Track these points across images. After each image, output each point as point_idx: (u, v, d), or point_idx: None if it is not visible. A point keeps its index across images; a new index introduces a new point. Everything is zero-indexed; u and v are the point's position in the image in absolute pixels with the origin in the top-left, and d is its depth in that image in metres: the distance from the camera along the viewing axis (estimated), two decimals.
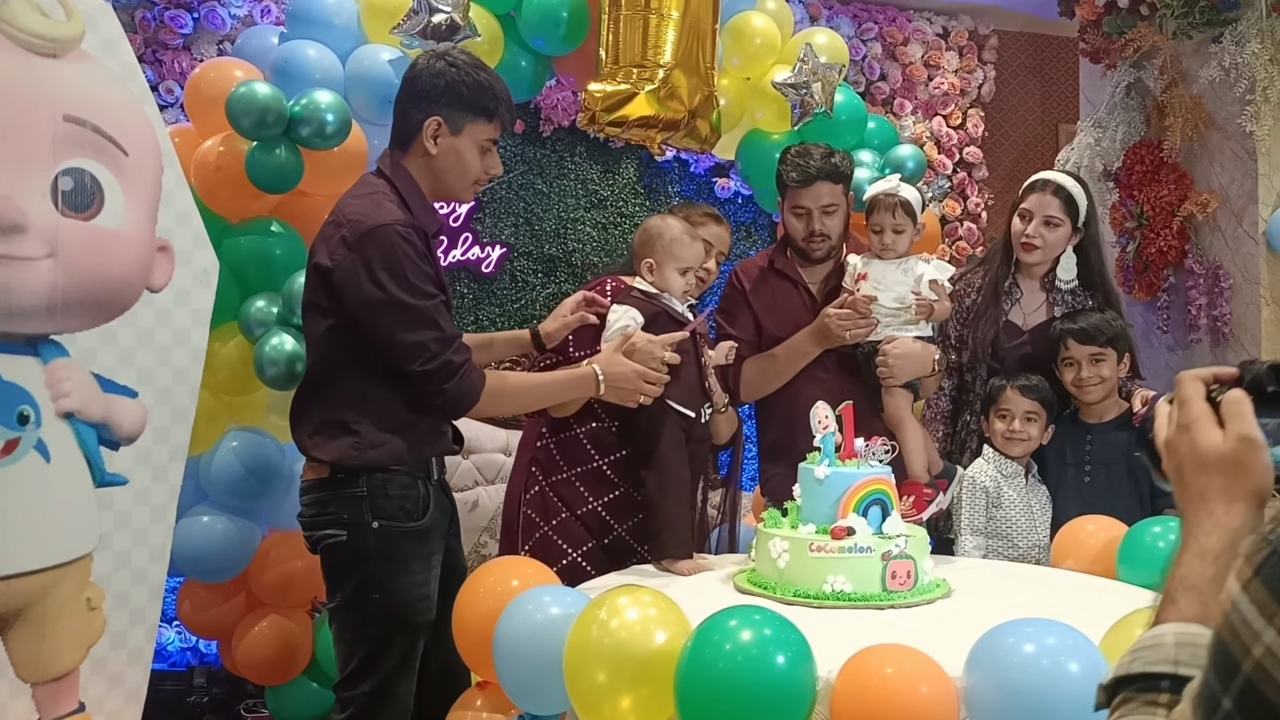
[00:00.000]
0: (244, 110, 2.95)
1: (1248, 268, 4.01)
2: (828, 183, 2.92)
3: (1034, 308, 3.14)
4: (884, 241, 2.86)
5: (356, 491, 2.28)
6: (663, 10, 3.20)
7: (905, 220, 2.85)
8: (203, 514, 3.15)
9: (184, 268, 2.42)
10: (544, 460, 2.71)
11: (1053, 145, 5.20)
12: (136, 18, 3.99)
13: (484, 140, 2.40)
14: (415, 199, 2.35)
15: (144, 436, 2.45)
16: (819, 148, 2.98)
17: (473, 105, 2.36)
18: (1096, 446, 3.00)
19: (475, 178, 2.42)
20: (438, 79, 2.34)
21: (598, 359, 2.48)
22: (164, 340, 2.37)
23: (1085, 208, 3.09)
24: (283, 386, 3.07)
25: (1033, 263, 3.11)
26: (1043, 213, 3.05)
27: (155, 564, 2.42)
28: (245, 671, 3.32)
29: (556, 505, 2.65)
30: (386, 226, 2.22)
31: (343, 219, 2.27)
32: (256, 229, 3.18)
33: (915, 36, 5.19)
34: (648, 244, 2.65)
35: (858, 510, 2.23)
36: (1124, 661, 0.93)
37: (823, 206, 2.93)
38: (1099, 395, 2.98)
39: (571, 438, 2.66)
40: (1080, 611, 2.06)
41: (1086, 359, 2.96)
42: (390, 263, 2.21)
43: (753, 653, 1.66)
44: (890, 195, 2.86)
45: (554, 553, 2.59)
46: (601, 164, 4.70)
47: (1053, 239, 3.07)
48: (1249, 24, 3.95)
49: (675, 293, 2.64)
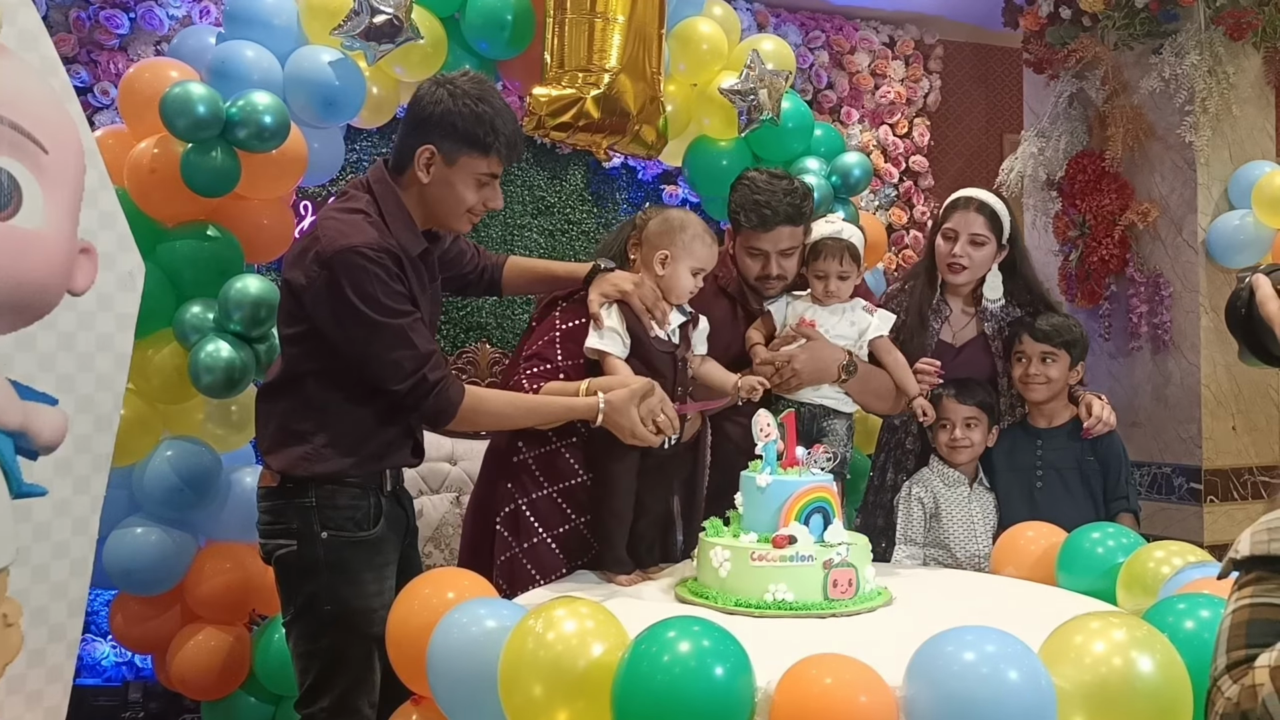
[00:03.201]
0: (178, 111, 2.89)
1: (1187, 276, 4.06)
2: (788, 226, 2.76)
3: (962, 325, 3.14)
4: (828, 289, 2.75)
5: (305, 501, 2.28)
6: (608, 14, 3.17)
7: (851, 266, 2.75)
8: (136, 525, 3.07)
9: (108, 270, 2.34)
10: (521, 477, 2.56)
11: (997, 154, 5.24)
12: (70, 17, 3.89)
13: (481, 174, 2.33)
14: (398, 220, 2.31)
15: (64, 446, 2.35)
16: (779, 182, 2.77)
17: (467, 138, 2.29)
18: (1048, 452, 3.00)
19: (468, 209, 2.35)
20: (435, 107, 2.28)
21: (612, 397, 2.36)
22: (86, 345, 2.29)
23: (1009, 224, 3.08)
24: (218, 394, 3.01)
25: (960, 283, 3.10)
26: (968, 231, 3.04)
27: (76, 578, 2.34)
28: (181, 686, 3.24)
29: (532, 526, 2.52)
30: (356, 249, 2.19)
31: (318, 234, 2.24)
32: (192, 233, 3.11)
33: (862, 45, 5.22)
34: (667, 235, 2.56)
35: (799, 518, 2.22)
36: (1261, 540, 0.93)
37: (781, 250, 2.78)
38: (1042, 395, 2.98)
39: (552, 452, 2.54)
40: (1020, 618, 2.07)
41: (1037, 355, 2.96)
42: (358, 283, 2.18)
43: (691, 664, 1.64)
44: (836, 240, 2.74)
45: (522, 577, 2.50)
46: (549, 170, 4.66)
47: (979, 257, 3.05)
48: (1188, 36, 4.01)
49: (682, 293, 2.57)
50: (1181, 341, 4.06)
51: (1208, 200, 4.02)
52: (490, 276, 2.71)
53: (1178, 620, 1.75)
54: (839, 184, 3.73)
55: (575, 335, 2.56)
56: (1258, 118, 4.11)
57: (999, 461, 3.02)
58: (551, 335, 2.59)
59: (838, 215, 2.86)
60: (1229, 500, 4.01)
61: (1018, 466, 3.00)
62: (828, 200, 3.66)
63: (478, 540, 2.63)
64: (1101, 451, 2.99)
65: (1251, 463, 4.07)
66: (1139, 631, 1.64)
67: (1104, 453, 2.99)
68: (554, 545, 2.52)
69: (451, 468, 3.99)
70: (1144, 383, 4.18)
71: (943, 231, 3.08)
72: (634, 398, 2.35)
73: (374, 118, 3.46)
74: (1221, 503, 4.00)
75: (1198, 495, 3.98)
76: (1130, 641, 1.62)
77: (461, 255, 2.65)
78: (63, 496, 2.35)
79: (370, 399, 2.29)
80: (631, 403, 2.35)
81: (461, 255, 2.65)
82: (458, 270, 2.65)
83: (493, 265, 2.71)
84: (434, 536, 3.91)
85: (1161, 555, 2.20)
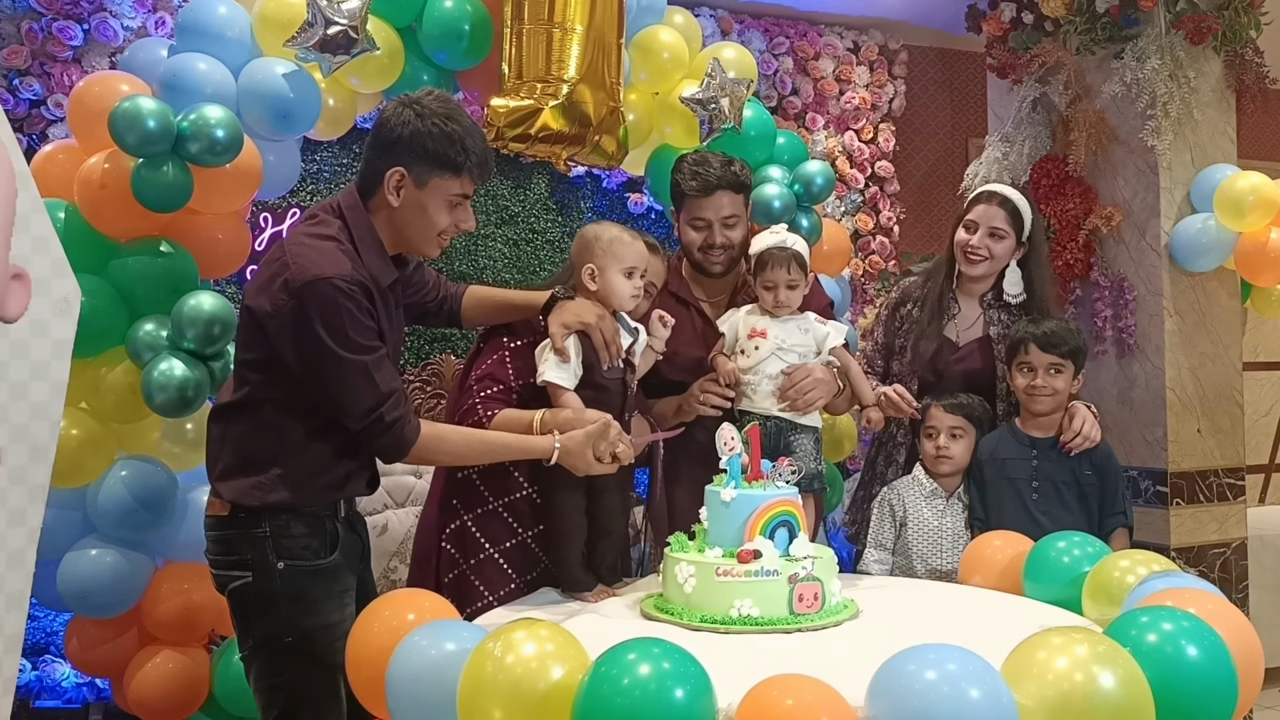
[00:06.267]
0: (128, 126, 2.83)
1: (1151, 280, 4.07)
2: (729, 192, 2.82)
3: (969, 324, 3.14)
4: (778, 299, 2.72)
5: (259, 532, 2.22)
6: (566, 24, 3.14)
7: (799, 275, 2.72)
8: (91, 547, 3.01)
9: (42, 296, 2.25)
10: (466, 492, 2.55)
11: (962, 159, 5.26)
12: (23, 28, 3.83)
13: (453, 195, 2.28)
14: (369, 248, 2.25)
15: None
16: (716, 156, 2.88)
17: (438, 159, 2.23)
18: (1043, 464, 2.94)
19: (440, 231, 2.30)
20: (402, 128, 2.22)
21: (568, 439, 2.31)
22: (19, 374, 2.21)
23: (1030, 222, 3.09)
24: (172, 413, 2.96)
25: (977, 275, 3.10)
26: (988, 224, 3.05)
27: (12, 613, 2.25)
28: (139, 710, 3.18)
29: (479, 541, 2.52)
30: (328, 279, 2.12)
31: (288, 260, 2.16)
32: (145, 249, 3.04)
33: (826, 51, 5.22)
34: (586, 249, 2.53)
35: (764, 533, 2.20)
36: None
37: (724, 218, 2.84)
38: (1049, 407, 2.93)
39: (497, 468, 2.52)
40: (986, 631, 2.06)
41: (1044, 367, 2.91)
42: (327, 316, 2.12)
43: (651, 687, 1.61)
44: (782, 249, 2.72)
45: (471, 593, 2.49)
46: (512, 179, 4.63)
47: (998, 250, 3.06)
48: (1149, 40, 4.02)
49: (623, 298, 2.52)
50: (1146, 345, 4.07)
51: (1170, 204, 4.04)
52: (450, 307, 2.64)
53: (1140, 633, 1.73)
54: (801, 192, 3.72)
55: (523, 353, 2.53)
56: (1219, 121, 4.13)
57: (989, 470, 2.95)
58: (501, 354, 2.56)
59: (781, 226, 2.84)
60: (1195, 503, 4.02)
61: (1010, 476, 2.94)
62: (790, 209, 3.64)
63: (425, 556, 2.61)
64: (1100, 465, 2.94)
65: (1217, 465, 4.08)
66: (1100, 647, 1.63)
67: (1102, 466, 2.94)
68: (501, 560, 2.51)
69: (417, 480, 3.94)
70: (1109, 386, 4.18)
71: (964, 223, 3.10)
72: (589, 440, 2.32)
73: (330, 129, 3.41)
74: (1187, 505, 4.01)
75: (1164, 498, 3.99)
76: (1092, 657, 1.60)
77: (424, 283, 2.58)
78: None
79: (330, 431, 2.25)
80: (587, 445, 2.31)
81: (424, 283, 2.58)
82: (419, 298, 2.57)
83: (453, 296, 2.64)
84: (399, 551, 3.87)
85: (1126, 565, 2.19)
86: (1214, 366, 4.09)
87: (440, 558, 2.56)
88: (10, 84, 3.81)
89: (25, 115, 3.83)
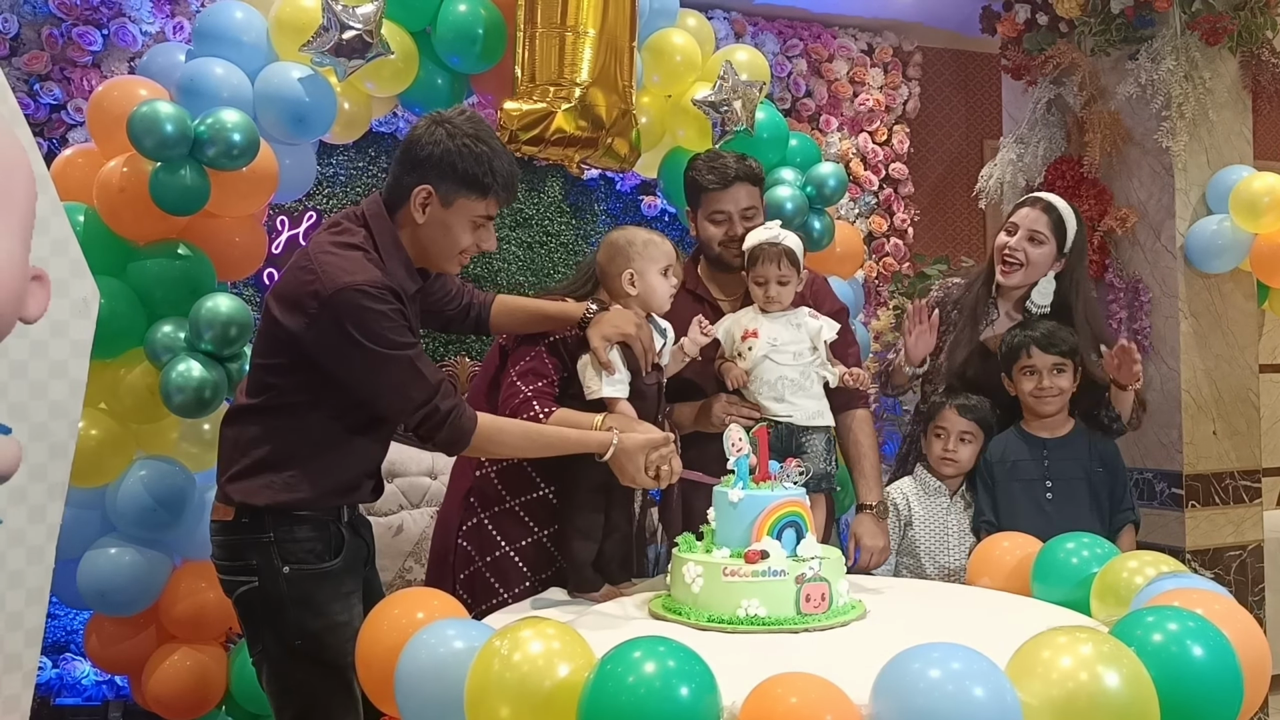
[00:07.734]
0: (146, 130, 2.87)
1: (1166, 281, 4.06)
2: (746, 184, 2.85)
3: (1004, 330, 3.12)
4: (769, 294, 2.72)
5: (264, 537, 2.23)
6: (579, 28, 3.17)
7: (790, 271, 2.72)
8: (110, 545, 3.06)
9: (61, 298, 2.30)
10: (484, 490, 2.58)
11: (977, 161, 5.25)
12: (43, 34, 3.88)
13: (477, 216, 2.29)
14: (394, 257, 2.26)
15: (18, 474, 2.32)
16: (729, 152, 2.93)
17: (466, 179, 2.24)
18: (1055, 462, 2.93)
19: (462, 250, 2.31)
20: (433, 147, 2.23)
21: (626, 439, 2.32)
22: (39, 374, 2.25)
23: (1074, 233, 3.06)
24: (190, 414, 2.99)
25: (1012, 283, 3.07)
26: (1029, 227, 3.03)
27: (33, 607, 2.30)
28: (157, 707, 3.22)
29: (495, 539, 2.54)
30: (358, 287, 2.14)
31: (316, 267, 2.17)
32: (163, 251, 3.09)
33: (840, 53, 5.22)
34: (620, 255, 2.53)
35: (772, 533, 2.20)
36: None
37: (743, 210, 2.86)
38: (1056, 408, 2.94)
39: (514, 466, 2.54)
40: (992, 632, 2.06)
41: (1049, 368, 2.91)
42: (362, 322, 2.13)
43: (656, 685, 1.62)
44: (773, 244, 2.72)
45: (486, 590, 2.51)
46: (526, 182, 4.65)
47: (1036, 256, 3.03)
48: (1164, 41, 4.01)
49: (663, 298, 2.54)
50: (1161, 346, 4.06)
51: (1185, 205, 4.02)
52: (477, 315, 2.64)
53: (1145, 633, 1.73)
54: (814, 194, 3.72)
55: (557, 349, 2.54)
56: (1234, 122, 4.11)
57: (1000, 473, 2.95)
58: (538, 350, 2.55)
59: (775, 222, 2.84)
60: (1210, 505, 4.01)
61: (1023, 478, 2.93)
62: (803, 211, 3.65)
63: (443, 554, 2.63)
64: (1109, 461, 2.95)
65: (1232, 467, 4.06)
66: (1105, 646, 1.63)
67: (1111, 463, 2.95)
68: (517, 558, 2.53)
69: (432, 482, 3.97)
70: None
71: (1005, 226, 3.09)
72: (647, 447, 2.33)
73: (346, 133, 3.44)
74: (1203, 507, 4.00)
75: (1179, 500, 3.97)
76: (1097, 656, 1.60)
77: (445, 291, 2.58)
78: (17, 526, 2.32)
79: (350, 437, 2.26)
80: (642, 451, 2.32)
81: (445, 291, 2.58)
82: (440, 306, 2.58)
83: (480, 304, 2.64)
84: (414, 551, 3.89)
85: (1135, 565, 2.19)
86: (1230, 368, 4.07)
87: (457, 554, 2.59)
88: (31, 89, 3.86)
89: (46, 120, 3.88)
